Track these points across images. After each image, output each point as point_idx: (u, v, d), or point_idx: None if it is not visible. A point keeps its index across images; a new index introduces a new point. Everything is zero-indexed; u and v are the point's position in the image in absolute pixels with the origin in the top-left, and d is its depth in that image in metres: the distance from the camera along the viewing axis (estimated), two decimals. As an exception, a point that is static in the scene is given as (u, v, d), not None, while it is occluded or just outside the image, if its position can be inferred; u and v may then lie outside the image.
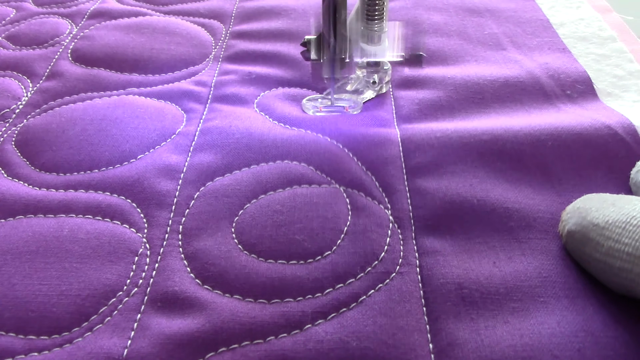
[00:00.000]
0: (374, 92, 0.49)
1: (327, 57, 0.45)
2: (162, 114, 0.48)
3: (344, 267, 0.35)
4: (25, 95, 0.51)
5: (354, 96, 0.48)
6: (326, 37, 0.44)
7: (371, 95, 0.49)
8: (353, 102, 0.47)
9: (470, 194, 0.39)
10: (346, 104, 0.47)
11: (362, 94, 0.48)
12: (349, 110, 0.47)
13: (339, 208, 0.38)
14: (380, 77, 0.49)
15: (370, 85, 0.49)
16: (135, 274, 0.35)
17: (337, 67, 0.45)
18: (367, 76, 0.49)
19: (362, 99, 0.48)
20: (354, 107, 0.47)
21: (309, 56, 0.46)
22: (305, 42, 0.46)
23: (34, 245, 0.37)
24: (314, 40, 0.45)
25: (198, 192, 0.40)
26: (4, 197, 0.40)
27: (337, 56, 0.44)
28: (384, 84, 0.49)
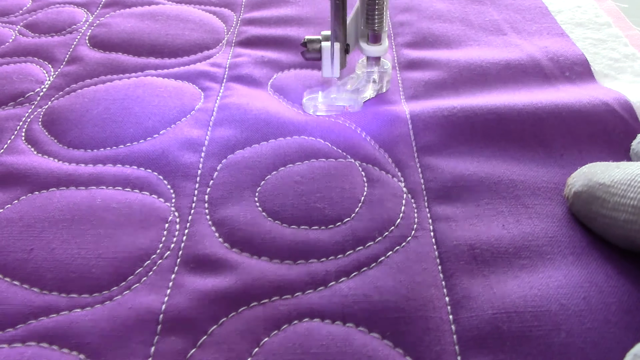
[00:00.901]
0: (374, 91, 0.50)
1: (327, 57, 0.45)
2: (181, 92, 0.50)
3: (363, 231, 0.37)
4: (47, 79, 0.53)
5: (354, 95, 0.48)
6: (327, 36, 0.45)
7: (371, 95, 0.50)
8: (353, 101, 0.48)
9: (478, 168, 0.41)
10: (346, 103, 0.48)
11: (362, 93, 0.49)
12: (349, 109, 0.48)
13: (355, 180, 0.41)
14: (380, 76, 0.49)
15: (370, 84, 0.50)
16: (167, 239, 0.37)
17: (336, 67, 0.46)
18: (367, 75, 0.49)
19: (362, 98, 0.49)
20: (354, 106, 0.48)
21: (309, 56, 0.47)
22: (305, 42, 0.46)
23: (69, 214, 0.39)
24: (314, 40, 0.45)
25: (220, 164, 0.43)
26: (36, 172, 0.43)
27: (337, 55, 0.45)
28: (384, 82, 0.50)
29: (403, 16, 0.62)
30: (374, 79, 0.49)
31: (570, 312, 0.31)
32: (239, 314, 0.33)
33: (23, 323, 0.33)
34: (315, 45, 0.46)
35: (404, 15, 0.62)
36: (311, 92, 0.49)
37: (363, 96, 0.49)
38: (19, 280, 0.35)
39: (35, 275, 0.35)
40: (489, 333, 0.31)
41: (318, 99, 0.48)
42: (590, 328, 0.31)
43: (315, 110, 0.48)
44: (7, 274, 0.36)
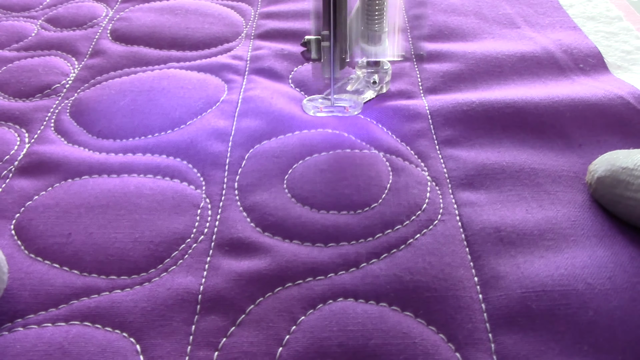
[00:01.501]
0: (375, 92, 0.49)
1: (327, 57, 0.45)
2: (205, 84, 0.51)
3: (391, 215, 0.38)
4: (72, 72, 0.54)
5: (354, 96, 0.48)
6: (326, 36, 0.44)
7: (371, 96, 0.49)
8: (353, 102, 0.48)
9: (499, 158, 0.42)
10: (347, 104, 0.48)
11: (362, 94, 0.49)
12: (349, 110, 0.48)
13: (380, 168, 0.42)
14: (380, 77, 0.49)
15: (370, 85, 0.49)
16: (200, 224, 0.39)
17: (337, 67, 0.46)
18: (367, 76, 0.49)
19: (363, 99, 0.49)
20: (354, 107, 0.48)
21: (309, 56, 0.46)
22: (305, 42, 0.46)
23: (104, 200, 0.40)
24: (314, 40, 0.45)
25: (248, 154, 0.44)
26: (68, 160, 0.44)
27: (337, 55, 0.45)
28: (384, 84, 0.50)
29: (418, 10, 0.63)
30: (374, 80, 0.49)
31: (597, 291, 0.33)
32: (275, 294, 0.34)
33: (65, 303, 0.34)
34: (315, 46, 0.45)
35: (419, 9, 0.63)
36: (312, 96, 0.49)
37: (363, 97, 0.49)
38: (58, 263, 0.36)
39: (75, 258, 0.36)
40: (519, 312, 0.32)
41: (318, 100, 0.48)
42: (617, 306, 0.32)
43: (316, 111, 0.48)
44: (47, 257, 0.37)
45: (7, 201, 0.40)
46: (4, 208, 0.40)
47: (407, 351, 0.31)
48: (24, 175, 0.43)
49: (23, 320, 0.33)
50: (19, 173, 0.43)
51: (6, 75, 0.54)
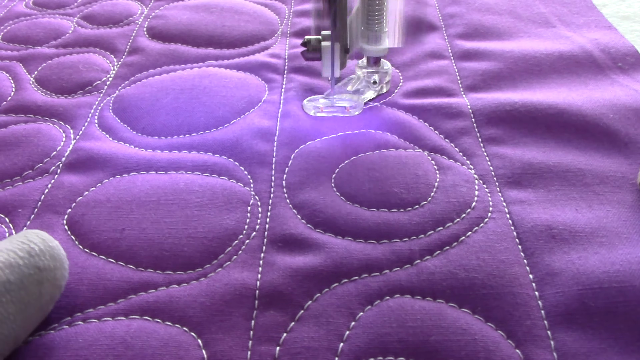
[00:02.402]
0: (375, 92, 0.50)
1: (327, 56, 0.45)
2: (246, 83, 0.52)
3: (441, 213, 0.39)
4: (112, 69, 0.55)
5: (355, 96, 0.49)
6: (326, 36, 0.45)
7: (372, 96, 0.50)
8: (354, 102, 0.48)
9: (545, 157, 0.43)
10: (347, 104, 0.48)
11: (362, 94, 0.49)
12: (350, 110, 0.48)
13: (427, 167, 0.42)
14: (380, 77, 0.50)
15: (370, 85, 0.49)
16: (251, 220, 0.39)
17: (337, 67, 0.46)
18: (367, 76, 0.50)
19: (363, 99, 0.49)
20: (355, 107, 0.48)
21: (309, 56, 0.47)
22: (305, 42, 0.46)
23: (155, 196, 0.41)
24: (314, 40, 0.46)
25: (294, 153, 0.44)
26: (116, 156, 0.44)
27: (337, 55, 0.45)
28: (384, 84, 0.50)
29: (452, 8, 0.63)
30: (374, 80, 0.49)
31: (654, 288, 0.33)
32: (332, 290, 0.34)
33: (124, 298, 0.34)
34: (315, 45, 0.46)
35: (452, 7, 0.64)
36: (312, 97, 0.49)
37: (363, 97, 0.49)
38: (114, 258, 0.37)
39: (130, 253, 0.37)
40: (577, 309, 0.32)
41: (319, 100, 0.48)
42: (675, 303, 0.32)
43: (317, 111, 0.48)
44: (101, 251, 0.37)
45: (57, 196, 0.41)
46: (56, 203, 0.40)
47: (468, 347, 0.31)
48: (72, 171, 0.43)
49: (83, 314, 0.33)
50: (67, 169, 0.43)
51: (47, 72, 0.54)
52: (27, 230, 0.32)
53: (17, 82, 0.53)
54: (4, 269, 0.29)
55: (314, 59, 0.47)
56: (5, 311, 0.28)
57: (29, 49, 0.58)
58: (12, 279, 0.29)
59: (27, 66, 0.55)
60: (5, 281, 0.28)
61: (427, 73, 0.53)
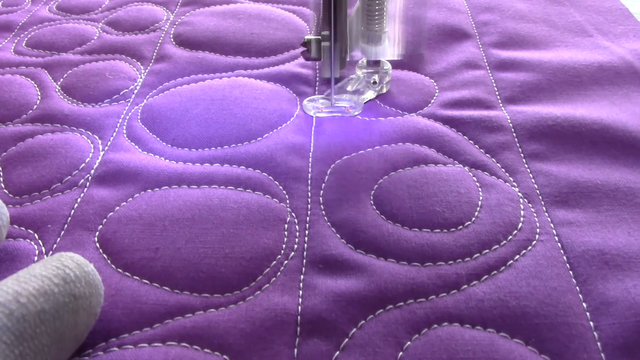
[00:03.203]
0: (375, 93, 0.49)
1: (327, 57, 0.45)
2: (278, 95, 0.50)
3: (487, 235, 0.37)
4: (139, 77, 0.54)
5: (355, 96, 0.48)
6: (326, 37, 0.44)
7: (372, 96, 0.49)
8: (354, 102, 0.48)
9: (592, 176, 0.41)
10: (347, 104, 0.48)
11: (362, 94, 0.49)
12: (349, 110, 0.48)
13: (468, 184, 0.41)
14: (380, 78, 0.49)
15: (370, 85, 0.49)
16: (289, 239, 0.38)
17: (337, 67, 0.46)
18: (367, 76, 0.49)
19: (363, 99, 0.49)
20: (354, 107, 0.48)
21: (309, 56, 0.46)
22: (305, 42, 0.46)
23: (189, 213, 0.39)
24: (314, 40, 0.45)
25: (330, 169, 0.43)
26: (146, 169, 0.43)
27: (337, 55, 0.45)
28: (384, 84, 0.50)
29: (485, 15, 0.62)
30: (374, 80, 0.49)
31: None
32: (377, 317, 0.33)
33: (160, 322, 0.33)
34: (315, 46, 0.46)
35: (485, 14, 0.62)
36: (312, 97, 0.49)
37: (363, 97, 0.49)
38: (148, 279, 0.35)
39: (165, 274, 0.35)
40: (636, 342, 0.31)
41: (319, 101, 0.48)
42: None
43: (316, 111, 0.48)
44: (135, 272, 0.36)
45: (88, 212, 0.39)
46: (86, 219, 0.39)
47: (524, 382, 0.29)
48: (102, 185, 0.42)
49: (118, 340, 0.32)
50: (96, 182, 0.42)
51: (73, 79, 0.53)
52: (62, 254, 0.31)
53: (43, 89, 0.51)
54: (38, 297, 0.27)
55: (314, 59, 0.47)
56: (40, 343, 0.27)
57: (54, 55, 0.56)
58: (47, 308, 0.27)
59: (52, 73, 0.54)
60: (40, 310, 0.27)
61: (464, 83, 0.51)
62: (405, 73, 0.53)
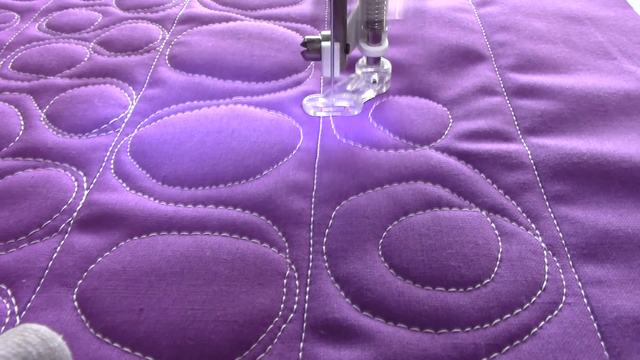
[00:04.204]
0: (375, 92, 0.49)
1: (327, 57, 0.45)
2: (279, 126, 0.46)
3: (508, 296, 0.33)
4: (131, 103, 0.50)
5: (355, 96, 0.48)
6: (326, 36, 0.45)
7: (371, 95, 0.49)
8: (354, 102, 0.47)
9: (622, 223, 0.37)
10: (347, 103, 0.47)
11: (362, 93, 0.48)
12: (349, 110, 0.47)
13: (487, 233, 0.37)
14: (380, 77, 0.49)
15: (370, 84, 0.49)
16: (288, 298, 0.34)
17: (337, 67, 0.45)
18: (367, 76, 0.48)
19: (363, 98, 0.48)
20: (354, 106, 0.47)
21: (309, 56, 0.46)
22: (305, 42, 0.45)
23: (178, 266, 0.35)
24: (314, 40, 0.45)
25: (334, 212, 0.39)
26: (134, 213, 0.39)
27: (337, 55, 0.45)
28: (384, 83, 0.49)
29: (501, 35, 0.58)
30: (374, 80, 0.48)
31: None
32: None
33: (141, 400, 0.29)
34: (315, 45, 0.45)
35: (501, 34, 0.58)
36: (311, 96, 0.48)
37: (363, 97, 0.48)
38: (130, 347, 0.32)
39: (149, 341, 0.32)
40: None
41: (319, 100, 0.47)
42: None
43: (316, 110, 0.47)
44: (115, 338, 0.32)
45: (67, 264, 0.36)
46: (65, 272, 0.35)
47: None
48: (84, 230, 0.38)
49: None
50: (78, 227, 0.38)
51: (59, 107, 0.49)
52: (26, 326, 0.27)
53: (27, 118, 0.48)
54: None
55: (314, 59, 0.46)
56: None
57: (41, 79, 0.53)
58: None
59: (38, 99, 0.50)
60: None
61: (479, 112, 0.47)
62: (417, 100, 0.49)
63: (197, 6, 0.64)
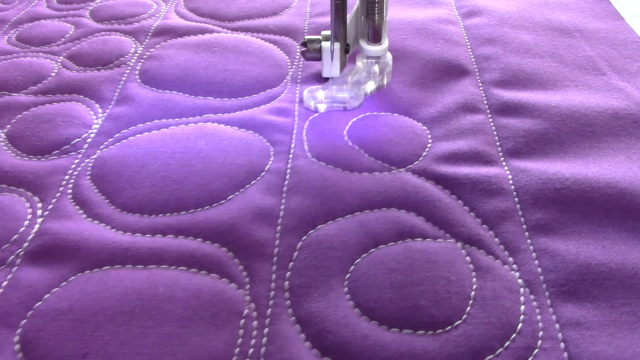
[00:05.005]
0: (376, 84, 0.48)
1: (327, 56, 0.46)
2: (248, 146, 0.44)
3: (480, 340, 0.31)
4: (95, 122, 0.47)
5: (355, 88, 0.47)
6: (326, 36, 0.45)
7: (372, 87, 0.48)
8: (354, 94, 0.47)
9: (605, 257, 0.34)
10: (347, 95, 0.47)
11: (363, 85, 0.48)
12: (350, 102, 0.46)
13: (461, 268, 0.34)
14: (381, 68, 0.48)
15: (371, 76, 0.48)
16: (244, 340, 0.31)
17: (337, 66, 0.46)
18: (368, 67, 0.48)
19: (364, 90, 0.48)
20: (354, 98, 0.47)
21: (310, 56, 0.46)
22: (305, 42, 0.45)
23: (129, 305, 0.33)
24: (314, 40, 0.46)
25: (300, 242, 0.36)
26: (87, 244, 0.37)
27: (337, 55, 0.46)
28: (385, 74, 0.48)
29: (486, 49, 0.55)
30: (375, 71, 0.47)
31: None
32: None
33: None
34: (315, 45, 0.46)
35: (487, 47, 0.55)
36: (312, 89, 0.48)
37: (364, 89, 0.48)
38: (71, 396, 0.29)
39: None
40: None
41: (319, 93, 0.47)
42: None
43: (316, 102, 0.47)
44: (57, 386, 0.29)
45: (12, 301, 0.33)
46: (9, 311, 0.33)
47: None
48: (33, 263, 0.36)
49: None
50: (28, 260, 0.36)
51: (20, 126, 0.47)
52: None
53: (-14, 139, 0.45)
54: None
55: (314, 59, 0.46)
56: None
57: (5, 96, 0.50)
58: None
59: None
60: None
61: (460, 132, 0.45)
62: (396, 118, 0.47)
63: (173, 17, 0.62)
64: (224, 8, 0.63)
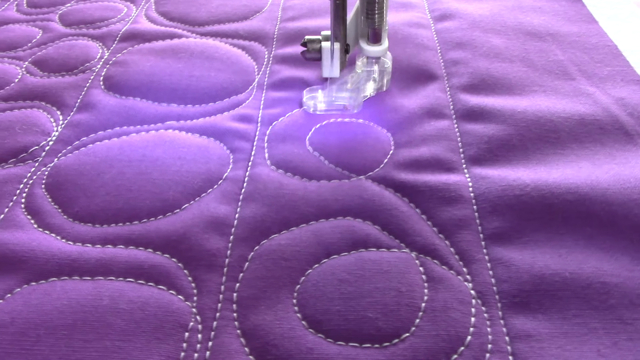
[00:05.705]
0: (374, 89, 0.48)
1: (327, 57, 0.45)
2: (207, 154, 0.43)
3: (426, 353, 0.30)
4: (55, 130, 0.47)
5: (354, 94, 0.47)
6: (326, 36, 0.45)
7: (371, 93, 0.48)
8: (353, 99, 0.47)
9: (560, 266, 0.34)
10: (346, 101, 0.47)
11: (362, 91, 0.48)
12: (348, 107, 0.46)
13: (413, 279, 0.34)
14: (380, 75, 0.48)
15: (370, 80, 0.48)
16: (187, 354, 0.31)
17: (337, 67, 0.45)
18: (366, 74, 0.48)
19: (362, 96, 0.48)
20: (353, 104, 0.47)
21: (309, 56, 0.46)
22: (305, 41, 0.45)
23: (71, 318, 0.32)
24: (314, 40, 0.45)
25: (252, 252, 0.36)
26: (35, 255, 0.36)
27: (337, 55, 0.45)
28: (384, 81, 0.48)
29: (456, 53, 0.54)
30: (374, 78, 0.47)
31: None
32: None
33: None
34: (315, 45, 0.46)
35: (457, 52, 0.55)
36: (311, 90, 0.48)
37: (363, 95, 0.47)
38: (5, 412, 0.28)
39: (25, 407, 0.28)
40: None
41: (318, 97, 0.47)
42: None
43: (316, 108, 0.47)
44: (-9, 402, 0.28)
45: (-46, 315, 0.32)
46: (-51, 325, 0.32)
47: None
48: (-20, 275, 0.35)
49: None
50: (-26, 271, 0.35)
51: (-21, 134, 0.46)
52: None
53: (-58, 148, 0.44)
54: None
55: (314, 59, 0.46)
56: None
57: (-35, 103, 0.49)
58: None
59: (-42, 126, 0.47)
60: None
61: (424, 138, 0.44)
62: (360, 124, 0.46)
63: (143, 21, 0.61)
64: (194, 12, 0.62)
